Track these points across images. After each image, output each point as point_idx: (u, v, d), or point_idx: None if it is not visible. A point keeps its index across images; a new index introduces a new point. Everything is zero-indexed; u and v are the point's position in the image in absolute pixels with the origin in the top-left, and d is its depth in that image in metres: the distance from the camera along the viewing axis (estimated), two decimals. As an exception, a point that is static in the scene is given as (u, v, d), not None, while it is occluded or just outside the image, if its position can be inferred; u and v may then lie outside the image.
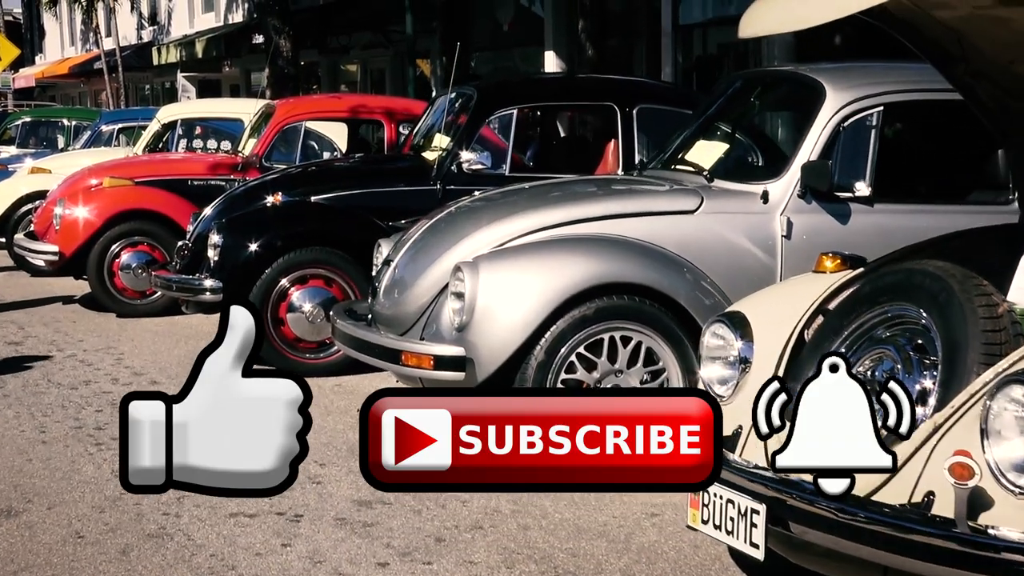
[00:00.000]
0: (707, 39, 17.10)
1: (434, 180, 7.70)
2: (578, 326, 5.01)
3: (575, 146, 8.82)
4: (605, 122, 8.01)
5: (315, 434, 5.59)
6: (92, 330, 9.25)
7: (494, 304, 5.00)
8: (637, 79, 10.53)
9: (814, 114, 5.39)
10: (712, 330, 3.86)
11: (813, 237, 5.34)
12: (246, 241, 7.32)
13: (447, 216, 5.84)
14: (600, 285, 5.02)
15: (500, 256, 5.20)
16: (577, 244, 5.21)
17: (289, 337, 7.36)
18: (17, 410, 6.61)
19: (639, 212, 5.37)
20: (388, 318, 5.62)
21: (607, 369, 5.07)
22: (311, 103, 11.10)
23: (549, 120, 8.95)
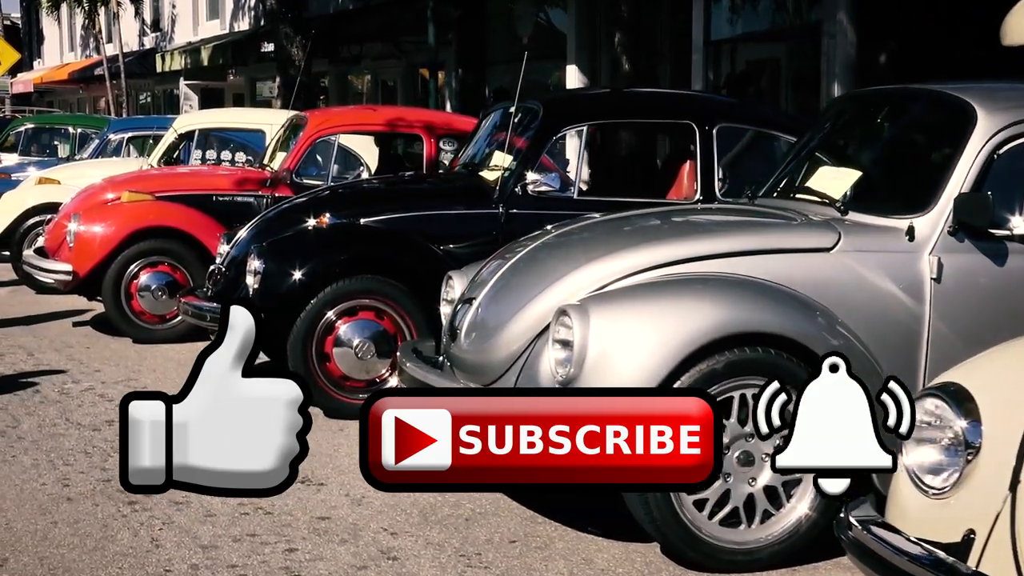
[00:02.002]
0: (736, 55, 16.51)
1: (496, 203, 6.97)
2: (706, 382, 4.26)
3: (644, 167, 8.11)
4: (681, 142, 7.29)
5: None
6: (108, 358, 8.50)
7: (607, 355, 4.27)
8: (717, 96, 9.79)
9: (964, 140, 4.68)
10: (922, 406, 3.13)
11: (966, 280, 4.62)
12: (290, 268, 6.58)
13: (536, 251, 5.10)
14: (731, 335, 4.29)
15: (612, 299, 4.47)
16: (701, 286, 4.48)
17: (335, 375, 6.63)
18: (35, 457, 5.86)
19: (768, 249, 4.63)
20: (472, 365, 4.88)
21: (737, 433, 4.34)
22: (345, 115, 10.35)
23: (615, 138, 8.23)
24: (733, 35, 16.08)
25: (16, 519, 4.92)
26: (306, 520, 4.95)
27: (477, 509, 5.08)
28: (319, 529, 4.85)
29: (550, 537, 4.77)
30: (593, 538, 4.75)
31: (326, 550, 4.62)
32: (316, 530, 4.83)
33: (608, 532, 4.76)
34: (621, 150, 8.43)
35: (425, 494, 5.24)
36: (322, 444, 6.08)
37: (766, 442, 4.31)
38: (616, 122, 7.89)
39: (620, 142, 8.32)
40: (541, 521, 4.94)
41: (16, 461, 5.77)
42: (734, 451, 4.35)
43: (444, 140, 9.55)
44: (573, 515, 4.94)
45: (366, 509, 5.10)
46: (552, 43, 19.73)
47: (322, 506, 5.14)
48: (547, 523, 4.92)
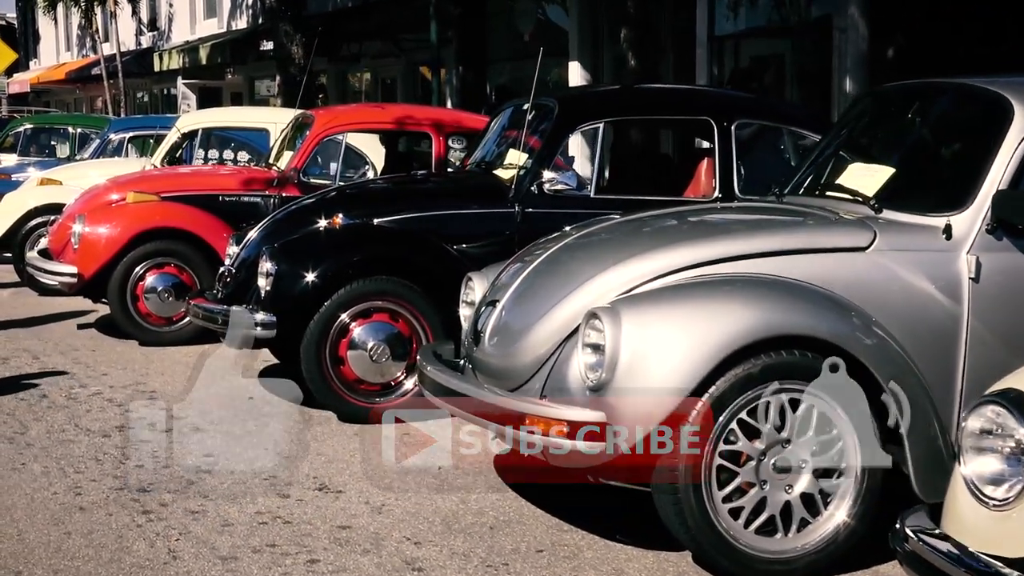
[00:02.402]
0: (739, 50, 16.38)
1: (511, 202, 6.83)
2: (741, 387, 4.14)
3: (659, 164, 7.97)
4: (698, 138, 7.16)
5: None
6: (115, 361, 8.36)
7: (640, 359, 4.13)
8: (734, 91, 9.64)
9: (1001, 135, 4.54)
10: (981, 413, 3.00)
11: (1005, 280, 4.48)
12: (303, 269, 6.44)
13: (559, 253, 4.95)
14: (768, 338, 4.15)
15: (643, 301, 4.33)
16: (736, 287, 4.34)
17: (349, 378, 6.49)
18: (45, 464, 5.72)
19: (801, 249, 4.49)
20: (497, 369, 4.74)
21: (773, 439, 4.21)
22: (353, 113, 10.20)
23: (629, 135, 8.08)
24: (737, 31, 15.95)
25: (28, 530, 4.79)
26: (326, 529, 4.82)
27: (501, 517, 4.95)
28: (340, 539, 4.71)
29: (578, 546, 4.64)
30: (623, 547, 4.62)
31: (349, 561, 4.49)
32: (337, 540, 4.70)
33: (638, 540, 4.64)
34: (636, 147, 8.28)
35: (444, 501, 5.12)
36: (338, 450, 5.95)
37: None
38: (632, 119, 7.75)
39: (635, 139, 8.17)
40: (568, 529, 4.81)
41: (26, 469, 5.63)
42: (770, 457, 4.22)
43: (453, 138, 9.41)
44: (600, 523, 4.81)
45: (387, 517, 4.97)
46: (553, 40, 19.59)
47: (342, 514, 5.00)
48: (574, 531, 4.79)
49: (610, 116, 6.99)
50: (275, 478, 5.47)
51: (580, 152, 6.96)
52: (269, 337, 6.45)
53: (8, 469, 5.63)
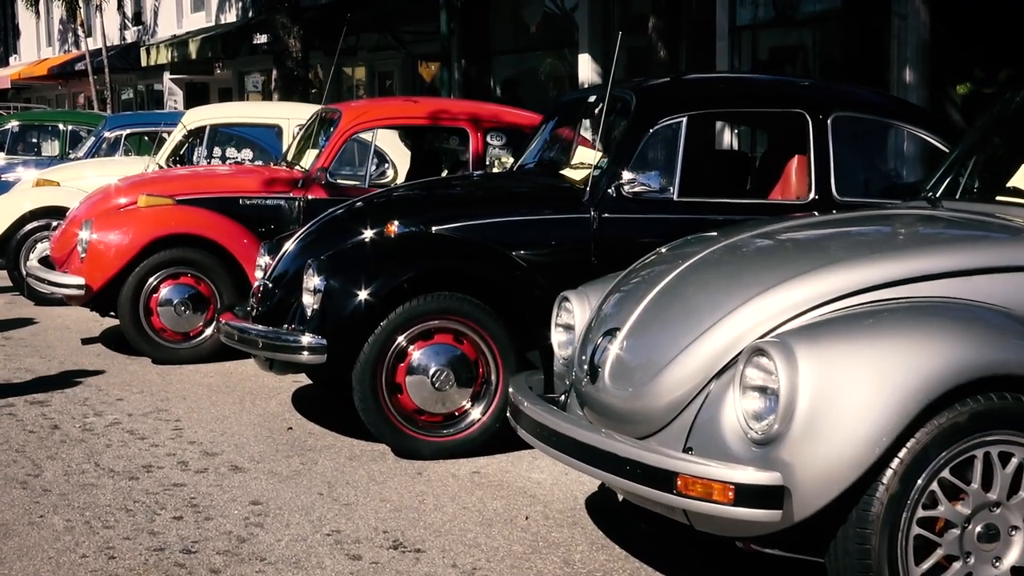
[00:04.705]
0: (757, 41, 15.68)
1: (587, 206, 6.04)
2: (946, 440, 3.38)
3: (739, 162, 7.19)
4: (790, 133, 6.39)
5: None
6: (129, 383, 7.55)
7: (824, 407, 3.36)
8: (830, 82, 8.86)
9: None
10: None
11: None
12: (355, 286, 5.64)
13: (690, 273, 4.16)
14: (979, 379, 3.39)
15: (820, 334, 3.54)
16: (933, 315, 3.57)
17: (408, 408, 5.71)
18: (68, 517, 4.90)
19: (998, 267, 3.73)
20: (621, 413, 3.95)
21: (981, 501, 3.44)
22: (384, 107, 9.35)
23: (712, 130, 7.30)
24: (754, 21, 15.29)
25: (58, 607, 3.99)
26: (416, 604, 4.04)
27: (618, 584, 4.18)
28: (435, 617, 3.93)
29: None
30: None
31: (452, 648, 3.71)
32: (432, 618, 3.92)
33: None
34: (719, 143, 7.50)
35: (545, 563, 4.34)
36: (403, 495, 5.16)
37: (1014, 512, 3.47)
38: (720, 111, 6.98)
39: (717, 134, 7.39)
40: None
41: (46, 523, 4.81)
42: (975, 524, 3.46)
43: (492, 134, 8.63)
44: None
45: (483, 585, 4.19)
46: (562, 32, 18.84)
47: (429, 583, 4.22)
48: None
49: (694, 109, 6.19)
50: (339, 532, 4.68)
51: (658, 150, 6.17)
52: (319, 363, 5.65)
53: (25, 524, 4.80)
